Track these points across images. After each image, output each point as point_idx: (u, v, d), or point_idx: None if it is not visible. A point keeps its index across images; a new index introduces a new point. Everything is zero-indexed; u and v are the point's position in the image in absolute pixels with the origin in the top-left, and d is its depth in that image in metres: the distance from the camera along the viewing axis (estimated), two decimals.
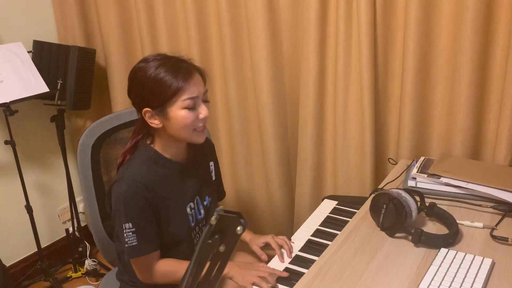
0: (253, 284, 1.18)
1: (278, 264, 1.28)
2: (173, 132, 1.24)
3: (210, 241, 0.62)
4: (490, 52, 1.52)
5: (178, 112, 1.20)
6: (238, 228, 0.61)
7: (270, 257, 1.33)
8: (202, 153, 1.43)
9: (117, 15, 2.18)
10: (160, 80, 1.19)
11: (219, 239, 0.62)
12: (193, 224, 1.36)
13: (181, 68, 1.21)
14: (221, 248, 0.63)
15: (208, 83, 1.29)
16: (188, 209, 1.34)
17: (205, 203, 1.41)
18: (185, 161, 1.35)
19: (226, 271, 1.23)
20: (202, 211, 1.40)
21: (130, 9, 2.19)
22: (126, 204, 1.22)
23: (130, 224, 1.22)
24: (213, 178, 1.50)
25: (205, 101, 1.26)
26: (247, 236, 1.45)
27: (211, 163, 1.50)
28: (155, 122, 1.24)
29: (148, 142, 1.31)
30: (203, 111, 1.24)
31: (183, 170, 1.34)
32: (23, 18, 2.27)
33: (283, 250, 1.32)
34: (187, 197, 1.35)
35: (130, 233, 1.22)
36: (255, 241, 1.41)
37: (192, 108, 1.21)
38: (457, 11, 1.51)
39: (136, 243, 1.23)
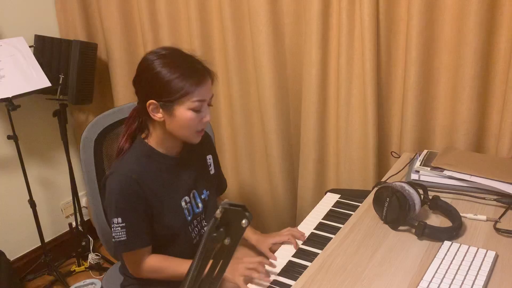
0: (244, 276, 1.19)
1: (284, 255, 1.28)
2: (173, 129, 1.25)
3: (215, 234, 0.62)
4: (494, 44, 1.52)
5: (185, 111, 1.21)
6: (243, 221, 0.61)
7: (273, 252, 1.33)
8: (198, 146, 1.43)
9: (118, 9, 2.17)
10: (175, 77, 1.19)
11: (224, 232, 0.63)
12: (189, 218, 1.36)
13: (197, 70, 1.22)
14: (226, 241, 0.63)
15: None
16: (183, 203, 1.34)
17: (202, 196, 1.40)
18: (179, 155, 1.35)
19: None
20: (200, 205, 1.39)
21: (132, 3, 2.18)
22: (117, 199, 1.23)
23: (120, 219, 1.23)
24: (212, 171, 1.50)
25: (209, 105, 1.27)
26: (253, 237, 1.44)
27: (209, 157, 1.49)
28: (157, 115, 1.24)
29: (143, 136, 1.31)
30: (207, 115, 1.25)
31: (178, 164, 1.34)
32: (25, 13, 2.27)
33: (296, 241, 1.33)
34: (182, 191, 1.35)
35: (119, 228, 1.23)
36: (264, 243, 1.39)
37: (198, 110, 1.22)
38: (461, 3, 1.50)
39: (124, 238, 1.24)
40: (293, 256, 1.28)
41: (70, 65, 2.15)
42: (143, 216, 1.26)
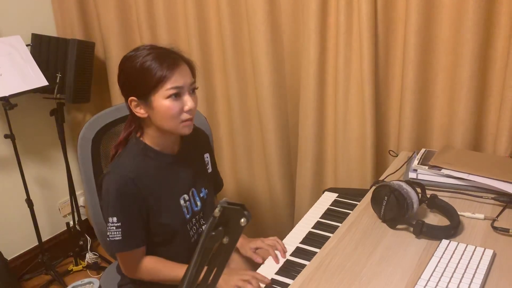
0: (237, 287, 1.17)
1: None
2: (158, 122, 1.23)
3: (213, 233, 0.62)
4: (491, 43, 1.52)
5: (162, 101, 1.19)
6: (242, 220, 0.61)
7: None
8: (196, 145, 1.42)
9: (116, 8, 2.17)
10: (145, 68, 1.18)
11: (222, 231, 0.62)
12: (188, 216, 1.35)
13: (167, 58, 1.19)
14: (225, 240, 0.63)
15: (207, 76, 1.28)
16: (182, 201, 1.34)
17: (201, 195, 1.40)
18: (176, 153, 1.34)
19: None
20: (198, 203, 1.39)
21: (129, 1, 2.17)
22: (113, 198, 1.22)
23: (115, 219, 1.22)
24: (210, 170, 1.49)
25: (193, 93, 1.24)
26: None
27: (206, 155, 1.48)
28: (140, 112, 1.23)
29: (138, 135, 1.30)
30: (188, 102, 1.21)
31: (175, 162, 1.33)
32: (22, 11, 2.26)
33: (276, 251, 1.30)
34: (180, 189, 1.34)
35: (114, 228, 1.23)
36: (247, 246, 1.39)
37: (176, 98, 1.19)
38: (459, 2, 1.50)
39: (119, 237, 1.23)
40: (291, 255, 1.28)
41: (67, 64, 2.15)
42: (139, 216, 1.25)
